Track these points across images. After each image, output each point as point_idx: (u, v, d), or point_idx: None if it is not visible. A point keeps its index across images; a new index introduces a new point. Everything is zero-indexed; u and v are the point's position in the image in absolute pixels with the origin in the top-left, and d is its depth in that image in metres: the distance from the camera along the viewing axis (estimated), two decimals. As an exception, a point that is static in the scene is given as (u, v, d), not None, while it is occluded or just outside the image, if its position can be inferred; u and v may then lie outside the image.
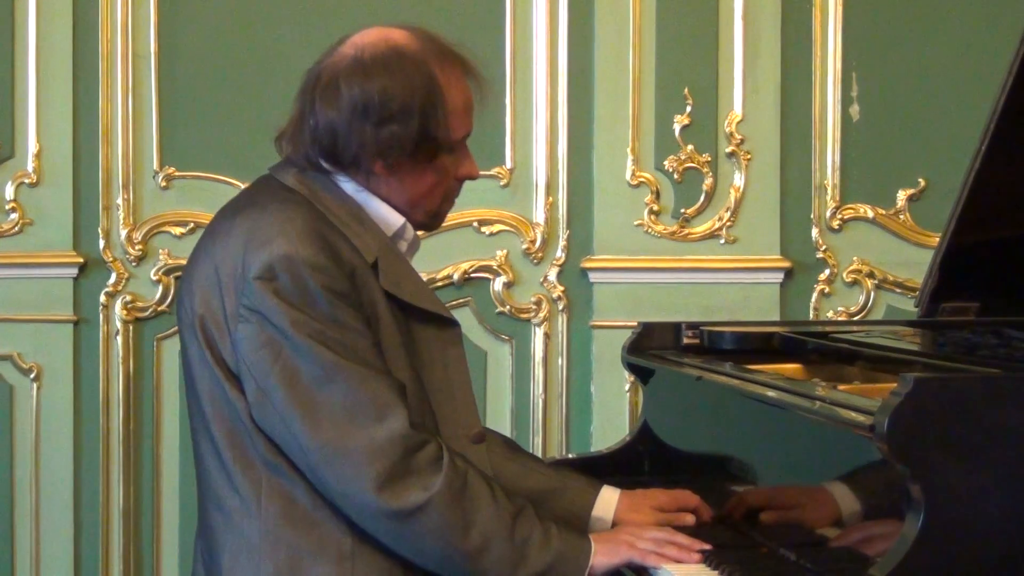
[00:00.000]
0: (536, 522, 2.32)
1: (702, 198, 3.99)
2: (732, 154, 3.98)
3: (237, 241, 2.31)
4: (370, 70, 2.33)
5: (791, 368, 2.72)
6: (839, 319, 3.98)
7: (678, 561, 2.36)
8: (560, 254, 4.02)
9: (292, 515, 2.30)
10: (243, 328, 2.27)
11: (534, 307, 4.02)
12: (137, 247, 4.01)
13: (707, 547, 2.38)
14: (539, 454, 3.95)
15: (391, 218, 2.41)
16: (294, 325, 2.24)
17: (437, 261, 3.99)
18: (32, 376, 4.02)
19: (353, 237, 2.34)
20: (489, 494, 2.30)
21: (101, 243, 4.02)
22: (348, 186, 2.39)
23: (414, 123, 2.32)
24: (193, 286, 2.36)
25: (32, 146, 4.00)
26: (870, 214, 4.01)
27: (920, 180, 4.00)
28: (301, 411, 2.24)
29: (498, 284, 4.02)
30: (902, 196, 4.01)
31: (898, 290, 4.02)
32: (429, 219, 2.46)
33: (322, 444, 2.24)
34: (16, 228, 4.01)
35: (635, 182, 3.99)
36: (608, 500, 2.59)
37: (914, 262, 3.89)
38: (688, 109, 3.98)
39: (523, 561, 2.28)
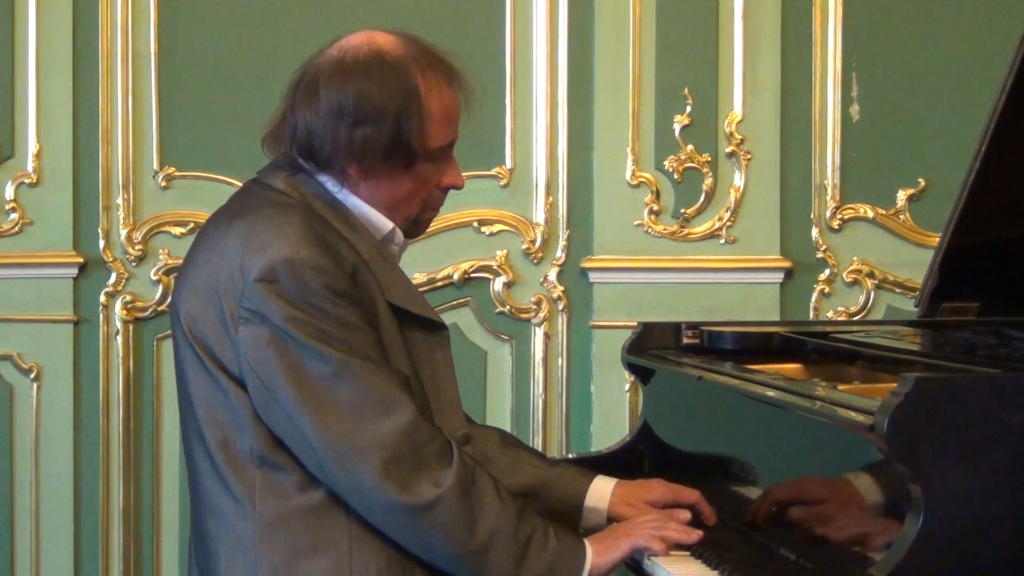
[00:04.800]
0: (537, 521, 2.34)
1: (702, 198, 3.99)
2: (732, 154, 3.98)
3: (234, 246, 2.31)
4: (350, 72, 2.34)
5: (791, 368, 2.72)
6: (839, 319, 3.98)
7: (679, 541, 2.40)
8: (560, 254, 4.02)
9: (288, 513, 2.30)
10: (245, 330, 2.27)
11: (534, 307, 4.02)
12: (137, 247, 4.01)
13: (700, 533, 2.41)
14: (539, 454, 3.96)
15: (379, 222, 2.41)
16: (297, 325, 2.25)
17: (437, 261, 3.99)
18: (32, 376, 4.02)
19: (347, 239, 2.35)
20: (495, 491, 2.31)
21: (101, 243, 4.02)
22: (331, 186, 2.39)
23: (387, 127, 2.32)
24: (186, 292, 2.36)
25: (32, 146, 4.00)
26: (870, 214, 4.01)
27: (920, 180, 4.00)
28: (309, 409, 2.25)
29: (498, 284, 4.02)
30: (902, 196, 4.01)
31: (898, 290, 4.02)
32: (408, 226, 2.45)
33: (331, 441, 2.25)
34: (16, 228, 4.01)
35: (635, 182, 3.99)
36: (602, 490, 2.59)
37: (914, 262, 3.89)
38: (688, 109, 3.98)
39: (524, 560, 2.29)
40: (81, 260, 4.01)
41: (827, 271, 4.01)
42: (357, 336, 2.27)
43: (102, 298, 4.03)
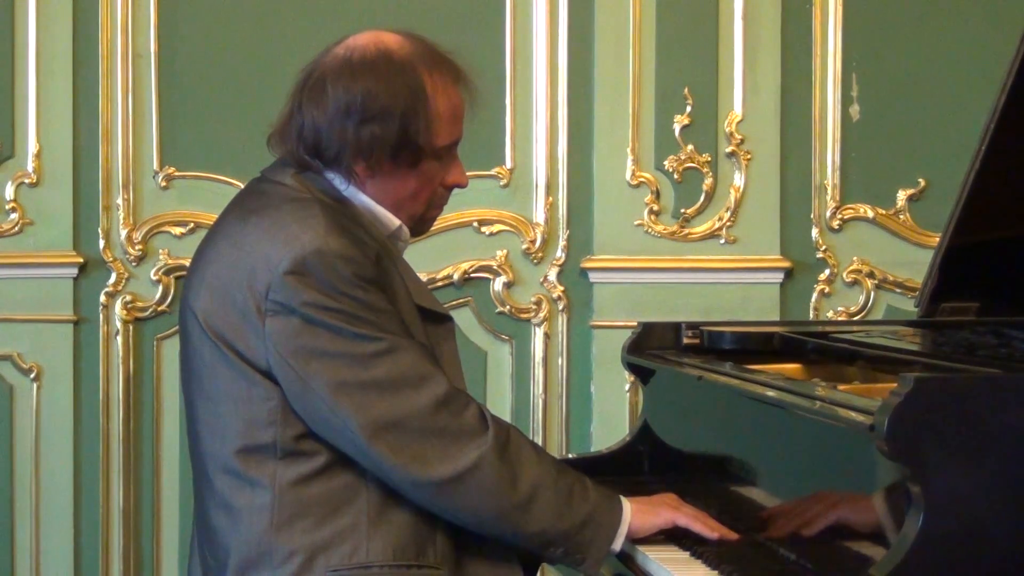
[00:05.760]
0: (575, 473, 2.40)
1: (702, 198, 3.99)
2: (732, 154, 3.98)
3: (255, 241, 2.33)
4: (357, 71, 2.36)
5: (791, 368, 2.72)
6: (839, 319, 3.98)
7: (720, 535, 2.42)
8: (560, 254, 4.02)
9: (307, 502, 2.32)
10: (274, 322, 2.29)
11: (534, 307, 4.02)
12: (137, 247, 4.01)
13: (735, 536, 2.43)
14: (539, 454, 3.95)
15: (386, 219, 2.44)
16: (331, 314, 2.28)
17: (437, 261, 3.99)
18: (32, 376, 4.02)
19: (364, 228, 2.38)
20: (531, 446, 2.38)
21: (101, 243, 4.02)
22: (339, 184, 2.40)
23: (394, 126, 2.35)
24: (201, 290, 2.37)
25: (32, 146, 4.00)
26: (870, 214, 4.01)
27: (920, 180, 4.00)
28: (346, 393, 2.28)
29: (498, 284, 4.02)
30: (902, 196, 4.01)
31: (898, 290, 4.02)
32: (413, 224, 2.48)
33: (371, 421, 2.28)
34: (16, 228, 4.01)
35: (635, 182, 3.99)
36: None
37: (914, 262, 3.89)
38: (688, 109, 3.98)
39: (567, 510, 2.35)
40: (81, 260, 4.01)
41: (827, 271, 4.01)
42: (388, 319, 2.31)
43: (102, 298, 4.03)
